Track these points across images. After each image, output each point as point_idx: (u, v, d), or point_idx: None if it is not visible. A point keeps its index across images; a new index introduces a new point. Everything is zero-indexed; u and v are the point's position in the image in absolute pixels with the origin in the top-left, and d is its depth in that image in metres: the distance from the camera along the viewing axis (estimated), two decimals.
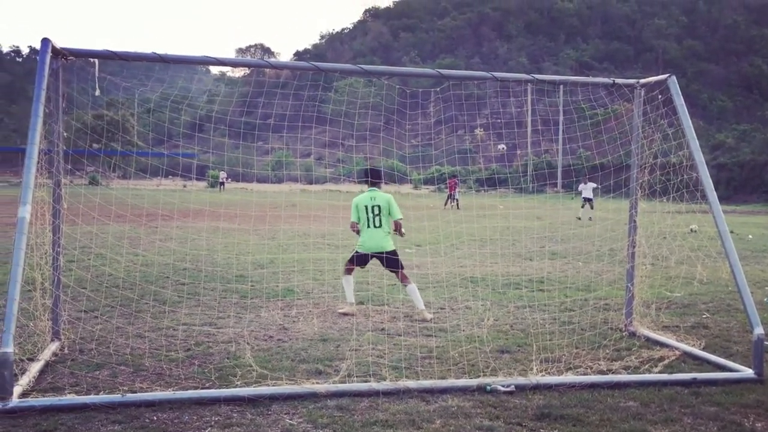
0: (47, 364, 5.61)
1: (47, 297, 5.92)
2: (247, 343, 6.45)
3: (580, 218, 24.78)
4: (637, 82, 7.27)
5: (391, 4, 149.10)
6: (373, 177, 8.45)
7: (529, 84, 7.31)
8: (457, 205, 31.86)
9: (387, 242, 8.14)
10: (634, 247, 7.26)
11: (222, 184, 49.45)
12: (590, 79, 7.48)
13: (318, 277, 10.14)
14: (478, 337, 6.80)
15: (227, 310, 7.90)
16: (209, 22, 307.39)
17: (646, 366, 6.03)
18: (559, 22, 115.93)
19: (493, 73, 6.87)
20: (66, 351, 6.06)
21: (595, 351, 6.42)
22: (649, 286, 7.61)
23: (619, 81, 7.24)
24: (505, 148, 8.49)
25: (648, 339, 6.98)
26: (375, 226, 8.10)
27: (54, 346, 6.00)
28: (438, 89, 8.03)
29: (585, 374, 5.72)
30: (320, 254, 11.75)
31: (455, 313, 8.14)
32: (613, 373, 5.79)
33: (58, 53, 5.95)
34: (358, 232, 8.27)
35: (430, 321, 7.72)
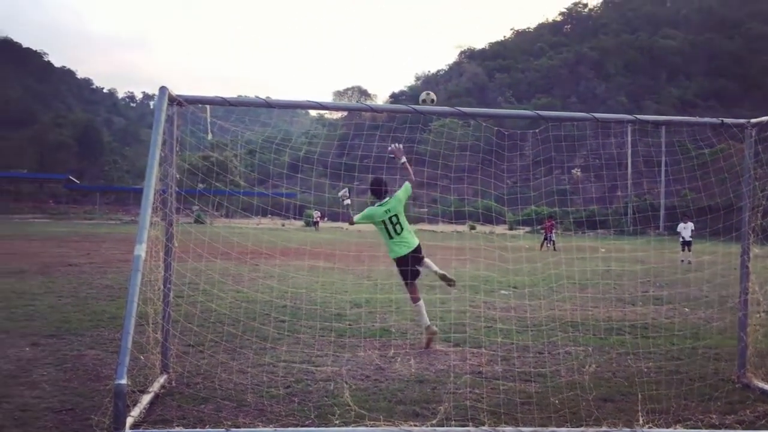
0: (156, 397, 5.84)
1: (157, 331, 6.19)
2: (345, 382, 6.51)
3: (683, 261, 23.78)
4: (748, 122, 6.98)
5: (486, 46, 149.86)
6: (381, 192, 8.49)
7: (629, 124, 7.14)
8: (554, 246, 31.22)
9: (413, 239, 8.41)
10: (746, 294, 6.89)
11: (316, 223, 50.64)
12: (696, 119, 7.23)
13: (414, 317, 10.13)
14: (579, 384, 6.60)
15: (325, 348, 8.01)
16: (308, 65, 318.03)
17: (763, 421, 5.67)
18: (661, 60, 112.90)
19: (593, 114, 6.77)
20: (173, 384, 6.30)
21: (706, 403, 6.10)
22: (763, 335, 7.18)
23: (728, 121, 6.97)
24: (433, 99, 8.17)
25: (763, 392, 6.57)
26: (397, 233, 8.25)
27: (163, 379, 6.24)
28: (537, 130, 7.98)
29: (695, 427, 5.44)
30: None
31: (554, 359, 7.93)
32: (726, 427, 5.48)
33: (173, 100, 6.29)
34: (351, 223, 8.45)
35: (436, 334, 8.15)
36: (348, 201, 8.44)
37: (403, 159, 8.54)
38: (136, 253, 5.26)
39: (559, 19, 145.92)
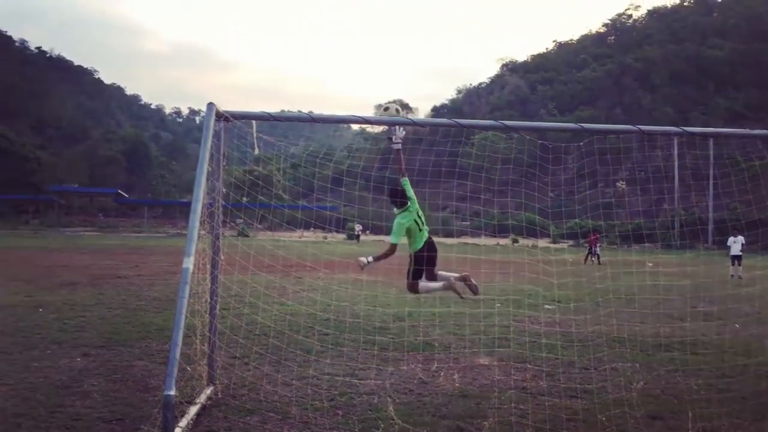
0: (203, 408, 5.93)
1: (204, 343, 6.28)
2: (389, 396, 6.51)
3: (733, 276, 23.17)
4: None
5: (528, 58, 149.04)
6: (402, 197, 8.14)
7: (675, 136, 7.02)
8: (599, 260, 30.75)
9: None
10: None
11: (357, 236, 50.89)
12: (747, 131, 7.08)
13: (457, 331, 10.09)
14: (627, 401, 6.48)
15: (368, 361, 8.02)
16: (347, 77, 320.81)
17: None
18: (708, 71, 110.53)
19: (639, 126, 6.68)
20: (220, 396, 6.39)
21: (759, 422, 5.94)
22: None
23: None
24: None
25: None
26: (424, 224, 7.96)
27: (209, 391, 6.33)
28: (581, 143, 7.90)
29: None
30: (460, 308, 11.71)
31: (601, 375, 7.80)
32: None
33: (221, 116, 6.41)
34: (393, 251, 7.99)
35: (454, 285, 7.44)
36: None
37: (400, 145, 8.18)
38: (185, 266, 5.32)
39: (602, 30, 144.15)
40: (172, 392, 4.81)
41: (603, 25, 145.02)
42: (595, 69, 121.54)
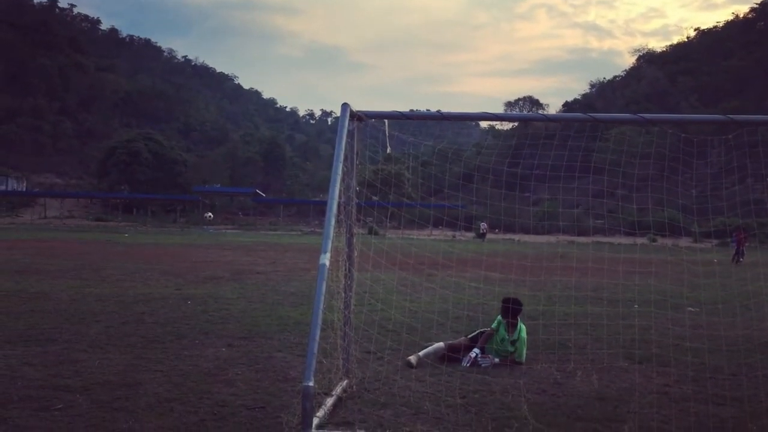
0: (339, 400, 6.09)
1: (340, 337, 6.45)
2: (523, 396, 6.41)
3: None
4: None
5: (667, 48, 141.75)
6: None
7: None
8: (740, 258, 28.86)
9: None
10: None
11: (483, 234, 50.52)
12: None
13: (593, 332, 9.76)
14: None
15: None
16: (476, 76, 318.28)
17: None
18: None
19: None
20: (354, 388, 6.53)
21: None
22: None
23: None
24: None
25: None
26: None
27: (345, 383, 6.49)
28: (730, 136, 7.41)
29: None
30: (595, 309, 11.35)
31: (752, 382, 7.28)
32: None
33: (353, 116, 6.55)
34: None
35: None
36: None
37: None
38: (321, 262, 5.48)
39: (750, 15, 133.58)
40: (311, 383, 4.97)
41: (751, 10, 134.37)
42: (742, 57, 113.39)
